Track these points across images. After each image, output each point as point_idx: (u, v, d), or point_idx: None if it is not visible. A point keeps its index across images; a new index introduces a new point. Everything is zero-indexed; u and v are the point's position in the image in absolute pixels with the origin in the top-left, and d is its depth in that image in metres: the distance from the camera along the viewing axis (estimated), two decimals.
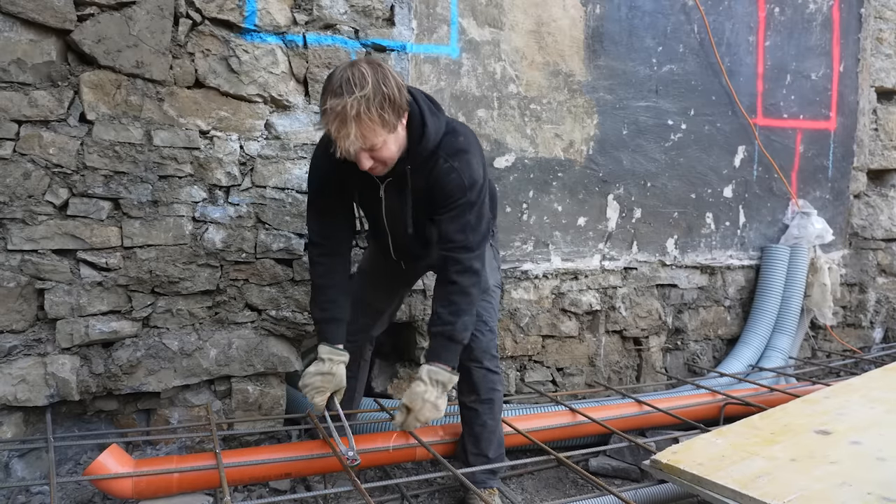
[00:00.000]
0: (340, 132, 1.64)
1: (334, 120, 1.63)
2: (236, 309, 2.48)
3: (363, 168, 1.76)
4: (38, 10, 2.08)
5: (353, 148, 1.67)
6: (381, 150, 1.73)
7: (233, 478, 2.01)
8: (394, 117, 1.70)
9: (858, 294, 4.25)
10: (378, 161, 1.76)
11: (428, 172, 1.88)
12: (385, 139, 1.71)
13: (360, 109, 1.62)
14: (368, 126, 1.65)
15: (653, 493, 2.10)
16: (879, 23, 4.07)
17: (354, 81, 1.62)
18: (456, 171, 1.87)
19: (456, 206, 1.89)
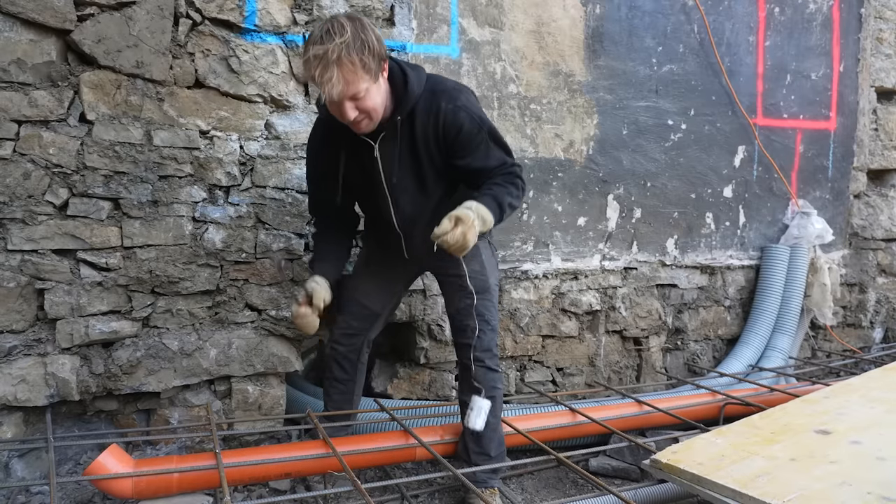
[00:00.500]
0: (324, 76, 1.68)
1: (317, 66, 1.68)
2: (236, 309, 2.48)
3: (348, 118, 1.78)
4: (38, 10, 2.08)
5: (336, 93, 1.70)
6: (365, 99, 1.76)
7: (233, 478, 2.01)
8: (374, 63, 1.73)
9: (858, 294, 4.25)
10: (362, 112, 1.79)
11: (435, 119, 1.90)
12: (368, 87, 1.75)
13: (341, 53, 1.66)
14: (350, 69, 1.69)
15: (653, 493, 2.10)
16: (879, 23, 4.07)
17: (334, 31, 1.68)
18: (464, 110, 1.91)
19: (479, 142, 1.94)
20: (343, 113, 1.77)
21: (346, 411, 2.37)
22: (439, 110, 1.90)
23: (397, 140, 1.93)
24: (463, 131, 1.91)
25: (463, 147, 1.93)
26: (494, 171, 1.98)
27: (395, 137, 1.93)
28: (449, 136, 1.92)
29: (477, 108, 1.96)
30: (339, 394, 2.36)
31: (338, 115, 1.80)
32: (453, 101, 1.90)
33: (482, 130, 1.94)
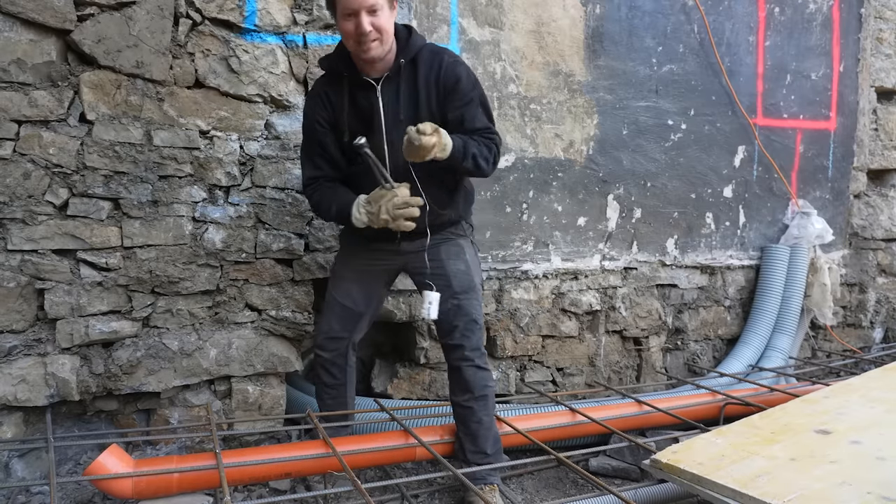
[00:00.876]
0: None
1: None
2: (236, 309, 2.48)
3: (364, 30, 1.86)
4: (38, 10, 2.08)
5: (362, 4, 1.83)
6: (380, 15, 1.88)
7: (233, 478, 2.01)
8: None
9: (858, 294, 4.25)
10: (376, 29, 1.88)
11: (438, 67, 2.03)
12: (383, 5, 1.88)
13: None
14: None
15: (653, 493, 2.10)
16: (879, 23, 4.07)
17: None
18: (462, 66, 2.08)
19: (471, 98, 2.07)
20: (359, 25, 1.85)
21: (343, 412, 2.36)
22: (442, 61, 2.04)
23: (399, 82, 2.03)
24: (460, 83, 2.03)
25: (457, 99, 2.04)
26: (477, 132, 2.07)
27: (397, 79, 2.03)
28: (448, 85, 2.03)
29: (473, 73, 2.11)
30: (332, 398, 2.34)
31: (351, 29, 1.88)
32: (454, 58, 2.08)
33: (475, 90, 2.08)
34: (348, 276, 2.27)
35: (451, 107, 2.05)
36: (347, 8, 1.86)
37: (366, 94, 2.04)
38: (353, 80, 2.03)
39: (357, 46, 1.92)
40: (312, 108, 2.11)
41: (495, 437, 2.24)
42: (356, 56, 1.97)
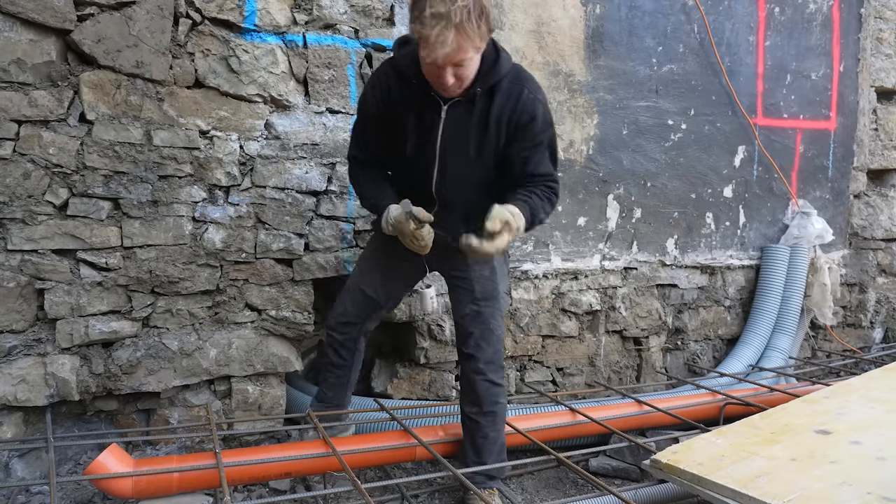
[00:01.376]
0: (440, 38, 1.61)
1: (436, 24, 1.60)
2: (236, 309, 2.48)
3: (445, 83, 1.74)
4: (38, 10, 2.08)
5: (443, 56, 1.65)
6: (465, 66, 1.73)
7: (233, 477, 2.01)
8: (486, 33, 1.70)
9: (858, 294, 4.25)
10: (459, 79, 1.75)
11: (514, 101, 1.89)
12: (472, 56, 1.72)
13: (464, 17, 1.61)
14: (466, 36, 1.64)
15: (653, 493, 2.10)
16: (879, 23, 4.07)
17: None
18: (541, 104, 1.93)
19: (540, 140, 1.96)
20: (441, 77, 1.73)
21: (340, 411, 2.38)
22: (521, 94, 1.90)
23: (470, 110, 1.89)
24: (534, 123, 1.91)
25: (526, 139, 1.93)
26: (540, 177, 1.98)
27: (468, 107, 1.89)
28: (521, 122, 1.91)
29: (549, 111, 1.99)
30: (335, 378, 2.32)
31: (432, 75, 1.75)
32: (535, 92, 1.93)
33: (547, 132, 1.97)
34: (377, 265, 2.22)
35: (517, 146, 1.94)
36: (429, 60, 1.69)
37: (431, 110, 1.91)
38: (421, 90, 1.87)
39: (437, 86, 1.80)
40: (373, 94, 1.98)
41: (500, 449, 2.20)
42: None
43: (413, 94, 1.89)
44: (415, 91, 1.88)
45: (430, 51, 1.65)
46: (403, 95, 1.91)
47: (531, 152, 1.96)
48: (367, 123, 2.03)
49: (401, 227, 1.91)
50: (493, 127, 1.91)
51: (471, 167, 1.98)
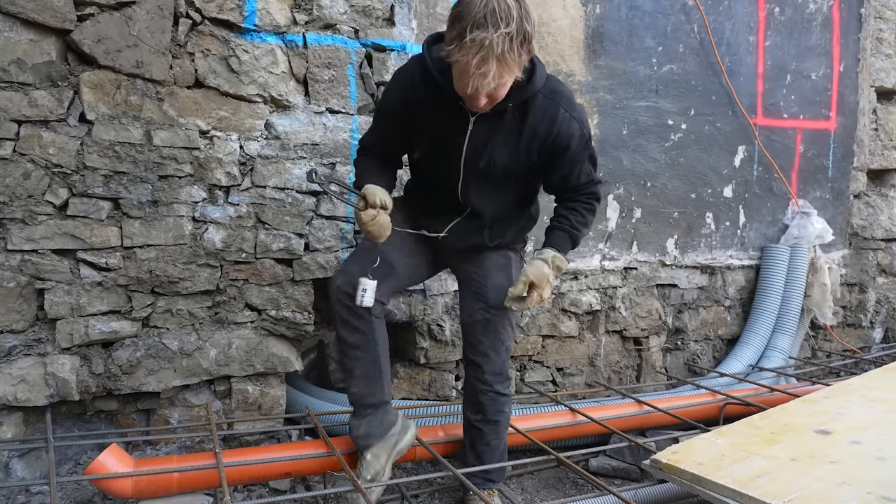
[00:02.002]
0: (480, 69, 1.52)
1: (476, 54, 1.50)
2: (236, 309, 2.48)
3: (477, 105, 1.65)
4: (38, 10, 2.08)
5: (482, 86, 1.56)
6: (501, 89, 1.63)
7: (232, 477, 2.01)
8: (527, 58, 1.62)
9: (858, 294, 4.25)
10: (490, 100, 1.66)
11: (550, 122, 1.81)
12: (505, 81, 1.61)
13: (505, 48, 1.51)
14: (507, 67, 1.55)
15: (653, 493, 2.10)
16: (879, 23, 4.07)
17: (501, 14, 1.49)
18: (578, 122, 1.85)
19: (581, 160, 1.92)
20: (475, 99, 1.63)
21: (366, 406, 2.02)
22: (557, 114, 1.81)
23: (498, 125, 1.81)
24: (573, 143, 1.85)
25: (566, 162, 1.89)
26: (582, 187, 1.98)
27: (498, 120, 1.80)
28: (558, 145, 1.84)
29: (588, 123, 1.92)
30: (360, 363, 1.94)
31: (465, 95, 1.64)
32: (571, 110, 1.84)
33: (587, 149, 1.93)
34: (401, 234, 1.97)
35: (557, 166, 1.90)
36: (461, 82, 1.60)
37: (457, 120, 1.81)
38: (449, 97, 1.74)
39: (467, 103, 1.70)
40: (398, 92, 1.87)
41: (501, 455, 2.19)
42: None
43: (440, 100, 1.78)
44: (443, 96, 1.76)
45: (468, 80, 1.56)
46: (430, 98, 1.80)
47: (571, 169, 1.92)
48: (386, 122, 1.95)
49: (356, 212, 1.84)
50: (524, 147, 1.84)
51: (498, 181, 1.93)
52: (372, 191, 1.81)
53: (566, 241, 1.95)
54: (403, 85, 1.86)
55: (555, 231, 1.99)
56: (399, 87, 1.87)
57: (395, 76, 1.92)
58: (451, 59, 1.57)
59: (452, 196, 1.96)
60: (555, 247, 1.95)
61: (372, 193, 1.81)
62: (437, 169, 1.97)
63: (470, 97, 1.64)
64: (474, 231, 2.03)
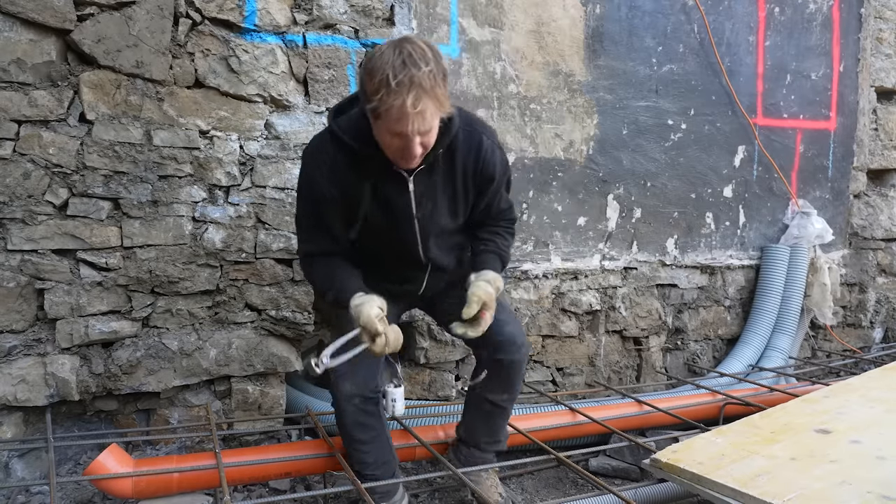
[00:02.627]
0: (417, 107, 1.49)
1: (409, 93, 1.47)
2: (236, 309, 2.48)
3: (414, 154, 1.60)
4: (38, 10, 2.08)
5: (419, 126, 1.53)
6: (431, 133, 1.60)
7: (232, 477, 2.01)
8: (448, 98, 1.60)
9: (858, 294, 4.25)
10: (424, 147, 1.62)
11: (476, 154, 1.81)
12: (436, 123, 1.60)
13: (434, 84, 1.51)
14: (438, 103, 1.54)
15: (653, 493, 2.10)
16: (879, 23, 4.07)
17: (417, 56, 1.50)
18: (500, 150, 1.90)
19: (502, 185, 1.95)
20: (409, 147, 1.58)
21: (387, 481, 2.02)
22: (481, 145, 1.82)
23: (436, 173, 1.79)
24: (497, 172, 1.88)
25: (491, 189, 1.91)
26: (502, 213, 2.01)
27: (432, 170, 1.78)
28: (485, 173, 1.85)
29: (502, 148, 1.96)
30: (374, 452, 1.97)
31: (396, 148, 1.60)
32: (491, 138, 1.86)
33: (506, 174, 1.96)
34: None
35: (483, 193, 1.91)
36: (397, 131, 1.55)
37: (395, 185, 1.76)
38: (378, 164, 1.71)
39: (397, 160, 1.65)
40: (320, 174, 1.76)
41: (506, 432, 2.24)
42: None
43: (369, 170, 1.73)
44: (370, 166, 1.71)
45: (402, 122, 1.51)
46: (356, 172, 1.73)
47: (495, 196, 1.95)
48: (322, 208, 1.79)
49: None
50: (460, 183, 1.84)
51: (450, 226, 1.94)
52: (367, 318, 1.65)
53: (497, 262, 1.92)
54: (323, 162, 1.75)
55: (485, 254, 1.93)
56: (317, 166, 1.77)
57: (307, 159, 1.81)
58: (381, 108, 1.51)
59: (413, 259, 1.92)
60: (490, 268, 1.88)
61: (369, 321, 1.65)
62: (389, 239, 1.88)
63: (404, 149, 1.60)
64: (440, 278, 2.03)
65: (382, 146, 1.64)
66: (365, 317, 1.65)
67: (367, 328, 1.65)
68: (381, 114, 1.53)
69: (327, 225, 1.82)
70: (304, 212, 1.86)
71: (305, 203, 1.84)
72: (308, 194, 1.81)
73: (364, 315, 1.65)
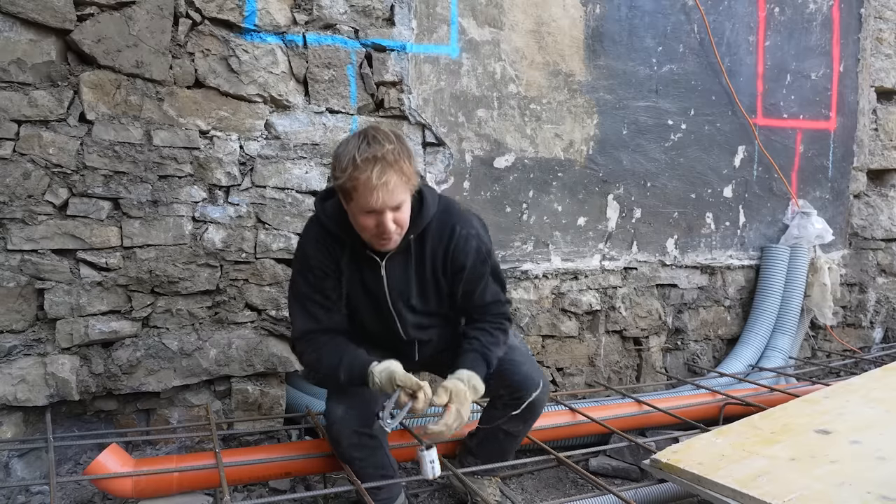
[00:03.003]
0: (381, 178, 1.59)
1: (374, 167, 1.58)
2: (236, 309, 2.48)
3: (387, 231, 1.68)
4: (38, 10, 2.08)
5: (386, 199, 1.62)
6: (402, 210, 1.69)
7: (232, 477, 2.01)
8: (414, 174, 1.69)
9: (858, 294, 4.25)
10: (398, 225, 1.70)
11: (447, 241, 1.87)
12: (407, 198, 1.70)
13: (398, 157, 1.62)
14: (404, 176, 1.64)
15: (653, 493, 2.09)
16: (879, 23, 4.07)
17: (381, 138, 1.63)
18: (475, 238, 1.90)
19: (482, 275, 1.93)
20: (383, 224, 1.66)
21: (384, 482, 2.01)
22: (453, 233, 1.86)
23: (407, 258, 1.87)
24: (469, 260, 1.88)
25: (466, 275, 1.90)
26: (487, 307, 1.96)
27: (404, 255, 1.86)
28: (457, 262, 1.88)
29: (486, 239, 1.96)
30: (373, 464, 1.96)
31: (370, 227, 1.68)
32: (467, 227, 1.89)
33: (486, 264, 1.93)
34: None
35: (460, 282, 1.92)
36: (369, 207, 1.63)
37: (370, 268, 1.86)
38: (354, 248, 1.83)
39: (374, 240, 1.73)
40: (317, 252, 1.85)
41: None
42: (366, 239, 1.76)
43: (349, 254, 1.83)
44: (349, 251, 1.83)
45: (371, 195, 1.60)
46: (340, 255, 1.84)
47: (474, 287, 1.93)
48: (318, 280, 1.86)
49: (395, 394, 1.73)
50: (429, 271, 1.89)
51: (425, 310, 1.96)
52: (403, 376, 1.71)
53: (479, 362, 1.86)
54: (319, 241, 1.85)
55: (467, 353, 1.89)
56: (314, 243, 1.86)
57: (303, 237, 1.92)
58: (349, 185, 1.61)
59: (398, 336, 1.98)
60: (469, 368, 1.85)
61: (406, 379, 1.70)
62: (372, 317, 1.95)
63: (377, 227, 1.67)
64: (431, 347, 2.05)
65: (358, 229, 1.73)
66: (401, 376, 1.70)
67: (406, 386, 1.69)
68: (350, 192, 1.63)
69: (324, 297, 1.87)
70: (301, 288, 1.89)
71: (303, 277, 1.88)
72: (304, 268, 1.87)
73: (399, 375, 1.71)
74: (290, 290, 1.93)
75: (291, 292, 1.92)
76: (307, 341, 1.88)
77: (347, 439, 1.88)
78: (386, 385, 1.72)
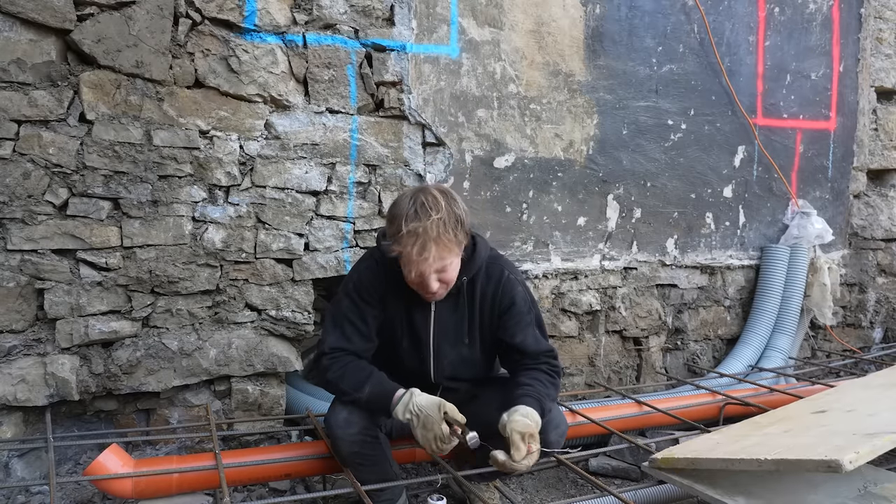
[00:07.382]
0: (422, 255, 1.68)
1: (415, 243, 1.67)
2: (236, 309, 2.48)
3: (430, 291, 1.77)
4: (37, 9, 2.08)
5: (429, 270, 1.71)
6: (449, 270, 1.77)
7: (232, 478, 2.01)
8: (463, 237, 1.77)
9: (858, 294, 4.25)
10: (444, 283, 1.79)
11: (496, 284, 1.93)
12: (454, 261, 1.77)
13: (440, 231, 1.68)
14: (446, 247, 1.71)
15: (652, 494, 2.09)
16: (879, 23, 4.07)
17: (430, 205, 1.69)
18: (521, 284, 1.98)
19: (527, 320, 1.96)
20: (427, 284, 1.75)
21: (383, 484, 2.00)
22: (501, 276, 1.94)
23: (458, 301, 1.93)
24: (515, 303, 1.94)
25: (511, 319, 1.94)
26: (538, 355, 1.95)
27: (455, 299, 1.92)
28: (504, 303, 1.94)
29: (529, 291, 2.03)
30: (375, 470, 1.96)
31: (417, 283, 1.78)
32: (514, 273, 1.98)
33: (531, 312, 1.98)
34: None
35: (504, 327, 1.95)
36: (410, 274, 1.74)
37: (420, 307, 1.93)
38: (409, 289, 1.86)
39: (420, 293, 1.83)
40: (370, 279, 1.90)
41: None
42: None
43: (402, 290, 1.88)
44: (403, 287, 1.86)
45: (413, 267, 1.71)
46: (394, 288, 1.89)
47: (518, 332, 1.94)
48: (362, 311, 1.90)
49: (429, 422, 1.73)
50: (477, 315, 1.95)
51: (466, 354, 2.00)
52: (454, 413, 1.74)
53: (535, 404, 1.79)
54: (373, 269, 1.92)
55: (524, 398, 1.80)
56: (369, 269, 1.93)
57: (362, 263, 1.98)
58: (396, 248, 1.72)
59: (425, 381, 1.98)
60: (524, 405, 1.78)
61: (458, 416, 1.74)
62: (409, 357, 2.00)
63: (419, 285, 1.78)
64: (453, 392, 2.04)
65: (406, 280, 1.81)
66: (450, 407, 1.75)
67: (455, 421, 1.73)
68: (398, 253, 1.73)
69: (363, 323, 1.92)
70: (344, 308, 1.93)
71: (349, 299, 1.92)
72: (354, 290, 1.92)
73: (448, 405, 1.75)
74: (333, 306, 1.98)
75: (334, 308, 1.97)
76: (334, 358, 1.90)
77: (349, 444, 1.89)
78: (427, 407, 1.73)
